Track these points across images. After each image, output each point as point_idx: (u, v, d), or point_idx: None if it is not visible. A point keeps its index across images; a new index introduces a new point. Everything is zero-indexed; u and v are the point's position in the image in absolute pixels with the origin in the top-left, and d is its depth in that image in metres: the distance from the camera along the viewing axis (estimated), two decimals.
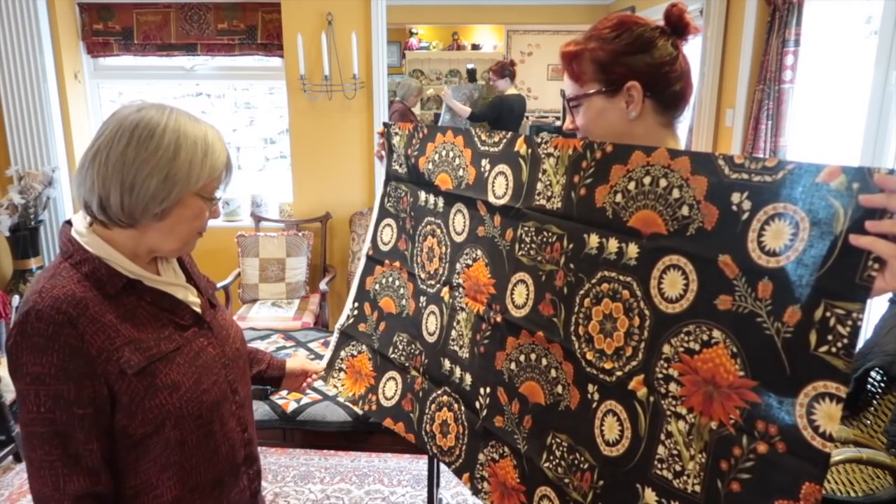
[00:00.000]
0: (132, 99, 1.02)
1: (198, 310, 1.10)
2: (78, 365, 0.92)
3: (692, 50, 4.00)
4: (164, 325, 1.03)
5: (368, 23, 3.51)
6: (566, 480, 1.05)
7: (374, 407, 1.47)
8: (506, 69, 5.16)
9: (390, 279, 1.54)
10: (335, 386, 1.55)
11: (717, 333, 0.85)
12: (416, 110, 5.80)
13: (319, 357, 2.24)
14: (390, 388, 1.47)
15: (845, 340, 0.73)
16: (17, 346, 0.92)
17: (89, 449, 0.94)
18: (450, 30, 7.66)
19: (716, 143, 3.40)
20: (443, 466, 2.68)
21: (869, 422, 1.96)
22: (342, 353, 1.59)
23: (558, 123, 6.90)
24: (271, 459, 2.80)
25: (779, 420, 0.78)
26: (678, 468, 0.88)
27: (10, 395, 2.75)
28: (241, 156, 4.70)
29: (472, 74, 7.16)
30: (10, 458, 2.77)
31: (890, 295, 0.98)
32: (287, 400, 1.98)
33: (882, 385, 1.97)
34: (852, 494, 1.80)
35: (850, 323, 0.72)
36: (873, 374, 1.99)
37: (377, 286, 1.57)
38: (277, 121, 4.40)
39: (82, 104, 3.80)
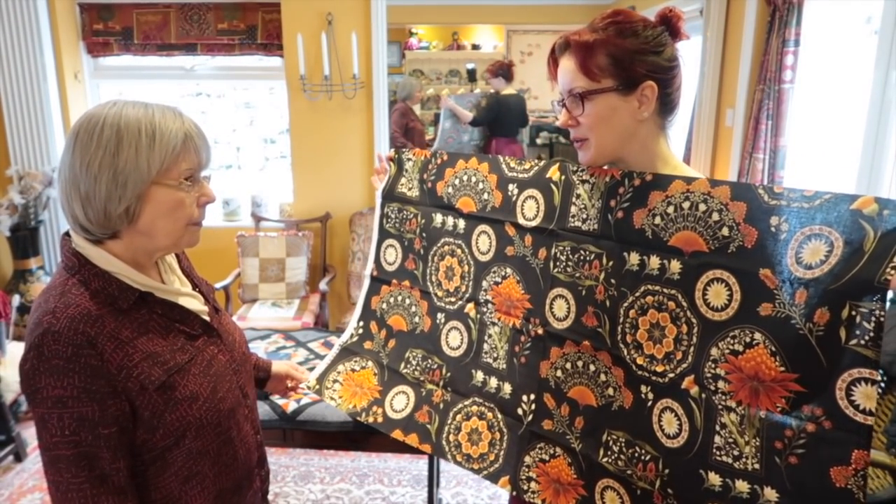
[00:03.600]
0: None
1: (206, 318, 1.09)
2: (100, 385, 0.89)
3: (692, 50, 4.01)
4: (176, 336, 1.01)
5: (368, 23, 3.51)
6: (628, 472, 1.12)
7: (379, 419, 1.47)
8: (500, 69, 5.12)
9: (399, 298, 1.55)
10: (331, 398, 1.54)
11: (758, 336, 0.95)
12: (417, 109, 5.79)
13: (320, 357, 2.24)
14: (400, 402, 1.48)
15: (871, 334, 0.85)
16: (35, 370, 0.88)
17: (116, 468, 0.91)
18: (450, 30, 7.67)
19: (716, 142, 3.40)
20: (443, 466, 2.68)
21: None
22: (340, 367, 1.59)
23: (558, 123, 6.89)
24: (271, 459, 2.80)
25: (822, 404, 0.89)
26: (736, 453, 0.98)
27: (10, 394, 2.76)
28: (241, 156, 4.70)
29: (472, 74, 7.16)
30: (11, 457, 2.77)
31: (891, 295, 1.02)
32: (287, 400, 1.98)
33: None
34: None
35: (873, 319, 0.84)
36: None
37: (384, 305, 1.58)
38: (277, 121, 4.41)
39: (82, 104, 3.80)
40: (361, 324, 1.62)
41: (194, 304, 1.08)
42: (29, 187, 3.41)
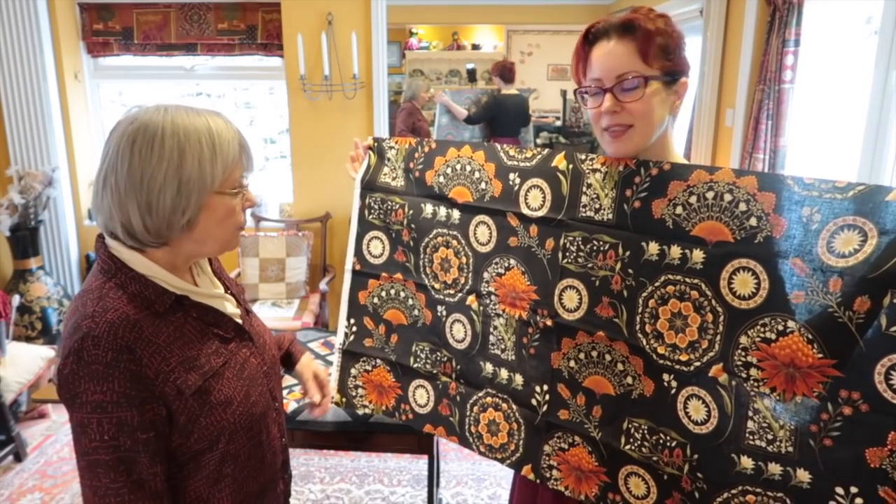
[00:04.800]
0: (129, 108, 0.96)
1: (239, 321, 1.08)
2: (139, 390, 0.89)
3: (692, 50, 4.01)
4: (210, 339, 1.01)
5: (368, 23, 3.51)
6: (654, 458, 1.13)
7: (410, 416, 1.48)
8: (500, 69, 5.11)
9: (392, 291, 1.51)
10: (363, 406, 1.54)
11: (791, 323, 0.96)
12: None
13: (320, 357, 2.24)
14: (421, 396, 1.48)
15: None
16: (75, 375, 0.88)
17: (153, 472, 0.92)
18: (450, 30, 7.67)
19: (716, 142, 3.40)
20: (443, 466, 2.68)
21: None
22: (353, 371, 1.57)
23: (558, 123, 6.89)
24: None
25: (860, 388, 0.91)
26: (770, 437, 0.99)
27: (10, 394, 2.76)
28: None
29: (471, 74, 7.16)
30: (10, 458, 2.77)
31: None
32: (287, 400, 1.98)
33: None
34: None
35: None
36: None
37: (375, 299, 1.54)
38: (277, 121, 4.41)
39: (82, 104, 3.80)
40: (352, 321, 1.58)
41: (227, 306, 1.08)
42: (29, 187, 3.41)
